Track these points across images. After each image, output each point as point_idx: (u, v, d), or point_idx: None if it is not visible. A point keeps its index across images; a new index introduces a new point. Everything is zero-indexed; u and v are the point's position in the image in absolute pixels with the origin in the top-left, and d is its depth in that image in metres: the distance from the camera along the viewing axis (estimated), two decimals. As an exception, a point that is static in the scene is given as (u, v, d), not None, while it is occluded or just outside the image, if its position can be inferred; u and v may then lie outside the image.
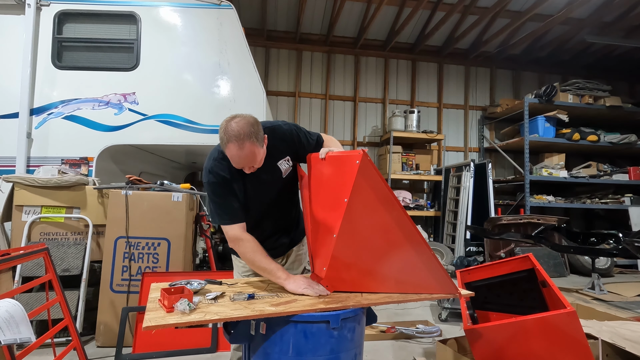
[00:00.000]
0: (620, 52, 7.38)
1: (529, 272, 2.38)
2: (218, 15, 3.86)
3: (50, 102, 3.64)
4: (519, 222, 5.34)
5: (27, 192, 3.00)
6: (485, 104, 7.74)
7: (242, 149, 1.44)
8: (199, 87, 3.82)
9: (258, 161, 1.52)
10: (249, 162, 1.50)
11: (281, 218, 1.81)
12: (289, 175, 1.73)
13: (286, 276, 1.54)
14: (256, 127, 1.48)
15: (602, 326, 2.26)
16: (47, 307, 2.12)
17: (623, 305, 3.66)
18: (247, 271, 1.85)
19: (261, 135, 1.50)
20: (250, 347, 1.39)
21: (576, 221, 7.64)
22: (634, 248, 3.54)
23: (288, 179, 1.74)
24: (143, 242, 2.90)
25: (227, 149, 1.46)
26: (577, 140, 6.47)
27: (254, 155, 1.48)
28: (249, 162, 1.50)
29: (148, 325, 1.17)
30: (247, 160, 1.48)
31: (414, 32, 6.98)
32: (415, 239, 1.42)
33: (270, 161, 1.62)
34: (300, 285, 1.50)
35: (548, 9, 5.85)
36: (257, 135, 1.47)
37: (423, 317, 3.52)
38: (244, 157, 1.46)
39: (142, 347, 2.61)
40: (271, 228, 1.78)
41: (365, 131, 7.34)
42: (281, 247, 1.85)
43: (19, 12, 3.65)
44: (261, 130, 1.51)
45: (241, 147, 1.43)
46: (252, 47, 6.07)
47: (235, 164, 1.51)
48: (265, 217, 1.74)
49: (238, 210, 1.60)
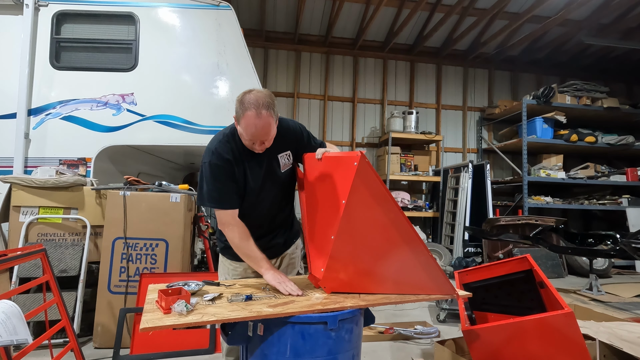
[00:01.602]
0: (617, 54, 7.41)
1: (526, 273, 2.38)
2: (216, 16, 3.86)
3: (48, 102, 3.63)
4: (517, 223, 5.35)
5: (25, 193, 2.99)
6: (483, 105, 7.76)
7: (260, 118, 1.42)
8: (197, 88, 3.81)
9: (271, 137, 1.50)
10: (264, 135, 1.46)
11: (277, 215, 1.79)
12: (287, 172, 1.73)
13: (268, 267, 1.59)
14: (273, 100, 1.48)
15: (599, 327, 2.27)
16: (45, 308, 2.11)
17: (620, 306, 3.67)
18: (237, 275, 1.83)
19: (277, 110, 1.51)
20: (247, 349, 1.39)
21: (574, 222, 7.67)
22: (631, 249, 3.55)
23: (286, 176, 1.74)
24: (141, 243, 2.90)
25: (243, 118, 1.44)
26: (575, 141, 6.50)
27: (269, 127, 1.46)
28: (263, 134, 1.46)
29: (145, 326, 1.17)
30: (262, 132, 1.45)
31: (412, 33, 7.00)
32: (413, 240, 1.42)
33: (271, 151, 1.61)
34: (275, 278, 1.55)
35: (546, 11, 5.88)
36: (274, 108, 1.47)
37: (421, 318, 3.52)
38: (260, 127, 1.43)
39: (140, 349, 2.60)
40: (267, 225, 1.76)
41: (364, 132, 7.35)
42: (275, 247, 1.83)
43: (17, 13, 3.64)
44: (276, 106, 1.50)
45: (259, 116, 1.41)
46: (251, 47, 6.07)
47: (249, 136, 1.46)
48: (260, 211, 1.71)
49: (234, 195, 1.59)
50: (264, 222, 1.74)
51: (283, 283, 1.52)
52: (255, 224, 1.67)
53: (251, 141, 1.49)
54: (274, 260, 1.87)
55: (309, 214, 1.71)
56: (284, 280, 1.54)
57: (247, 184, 1.62)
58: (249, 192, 1.63)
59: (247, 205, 1.65)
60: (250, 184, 1.62)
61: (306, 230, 1.76)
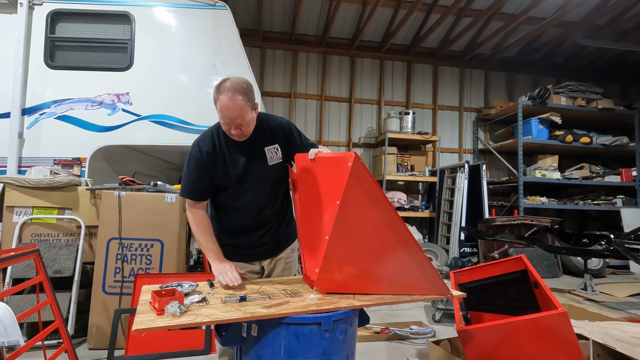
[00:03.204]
0: (612, 55, 7.46)
1: (521, 273, 2.39)
2: (213, 15, 3.85)
3: (43, 102, 3.61)
4: (513, 223, 5.38)
5: (19, 193, 2.97)
6: (479, 105, 7.79)
7: (233, 101, 1.50)
8: (193, 88, 3.80)
9: (246, 122, 1.56)
10: (237, 117, 1.53)
11: (264, 208, 1.76)
12: (276, 166, 1.74)
13: (215, 258, 1.67)
14: (249, 88, 1.55)
15: (593, 327, 2.28)
16: (38, 309, 2.09)
17: (614, 305, 3.70)
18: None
19: (252, 98, 1.57)
20: (242, 350, 1.38)
21: (569, 222, 7.71)
22: (624, 249, 3.58)
23: (275, 171, 1.74)
24: (136, 243, 2.88)
25: (218, 102, 1.52)
26: (570, 142, 6.53)
27: (242, 110, 1.52)
28: (237, 117, 1.52)
29: (138, 328, 1.16)
30: (235, 114, 1.51)
31: (409, 34, 7.01)
32: (408, 240, 1.42)
33: (257, 143, 1.69)
34: (217, 268, 1.63)
35: (541, 12, 5.91)
36: (249, 95, 1.54)
37: (417, 318, 3.53)
38: (232, 109, 1.50)
39: (135, 350, 2.59)
40: (254, 216, 1.75)
41: (361, 132, 7.35)
42: (266, 247, 1.81)
43: (11, 11, 3.61)
44: (253, 95, 1.58)
45: (232, 99, 1.49)
46: (248, 47, 6.06)
47: (223, 119, 1.55)
48: (247, 200, 1.72)
49: (202, 189, 1.69)
50: (250, 212, 1.75)
51: (224, 274, 1.58)
52: (242, 215, 1.74)
53: (227, 125, 1.57)
54: (269, 261, 1.86)
55: (303, 214, 1.71)
56: (226, 270, 1.59)
57: (227, 172, 1.68)
58: (231, 179, 1.69)
59: (232, 192, 1.71)
60: (230, 172, 1.68)
61: (300, 231, 1.76)
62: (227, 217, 1.78)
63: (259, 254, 1.81)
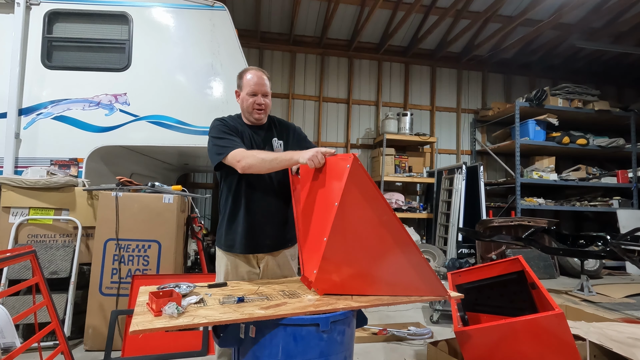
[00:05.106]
0: (608, 57, 7.51)
1: (518, 274, 2.40)
2: (211, 16, 3.85)
3: (40, 102, 3.59)
4: (510, 225, 5.40)
5: (15, 194, 2.96)
6: (477, 107, 7.82)
7: (261, 72, 1.85)
8: (191, 88, 3.79)
9: (269, 93, 1.86)
10: (264, 85, 1.83)
11: (273, 201, 1.84)
12: None
13: (294, 152, 1.63)
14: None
15: (589, 327, 2.29)
16: (34, 310, 2.08)
17: (611, 306, 3.72)
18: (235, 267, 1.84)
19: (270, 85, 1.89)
20: (239, 351, 1.38)
21: (566, 223, 7.74)
22: (620, 250, 3.60)
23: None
24: (133, 244, 2.87)
25: (248, 74, 1.83)
26: (567, 143, 6.57)
27: (268, 82, 1.85)
28: (264, 85, 1.83)
29: (135, 329, 1.16)
30: (263, 80, 1.83)
31: (407, 35, 7.03)
32: (405, 242, 1.43)
33: (267, 132, 1.90)
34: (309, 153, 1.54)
35: (539, 14, 5.94)
36: (269, 80, 1.88)
37: (415, 319, 3.53)
38: (261, 76, 1.83)
39: (132, 351, 2.58)
40: (264, 207, 1.81)
41: (359, 133, 7.36)
42: (270, 239, 1.85)
43: (8, 11, 3.60)
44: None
45: (259, 71, 1.85)
46: (246, 48, 6.06)
47: (255, 87, 1.80)
48: (260, 184, 1.80)
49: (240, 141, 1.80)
50: (261, 201, 1.81)
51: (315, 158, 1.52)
52: (254, 199, 1.82)
53: (256, 93, 1.80)
54: (272, 255, 1.87)
55: (301, 215, 1.71)
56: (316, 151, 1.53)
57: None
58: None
59: (242, 183, 1.80)
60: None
61: (299, 232, 1.76)
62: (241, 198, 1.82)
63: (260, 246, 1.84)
